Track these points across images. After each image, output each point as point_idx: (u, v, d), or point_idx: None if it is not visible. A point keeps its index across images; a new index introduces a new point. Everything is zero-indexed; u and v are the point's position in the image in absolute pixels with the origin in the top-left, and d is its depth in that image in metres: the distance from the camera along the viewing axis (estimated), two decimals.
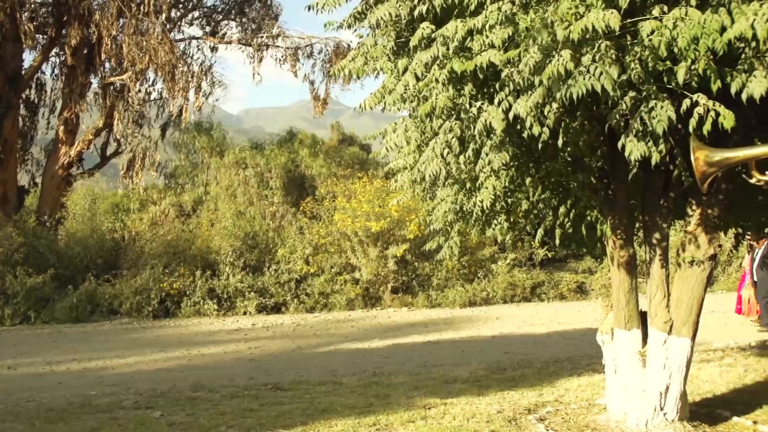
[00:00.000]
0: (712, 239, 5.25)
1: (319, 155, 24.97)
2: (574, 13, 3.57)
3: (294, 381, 8.63)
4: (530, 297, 19.63)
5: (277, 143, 26.36)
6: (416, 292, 19.03)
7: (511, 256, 20.02)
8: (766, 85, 3.43)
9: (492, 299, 19.05)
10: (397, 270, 18.98)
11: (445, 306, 18.43)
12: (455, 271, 19.33)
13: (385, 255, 18.85)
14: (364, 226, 18.60)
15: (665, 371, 5.35)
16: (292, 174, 24.13)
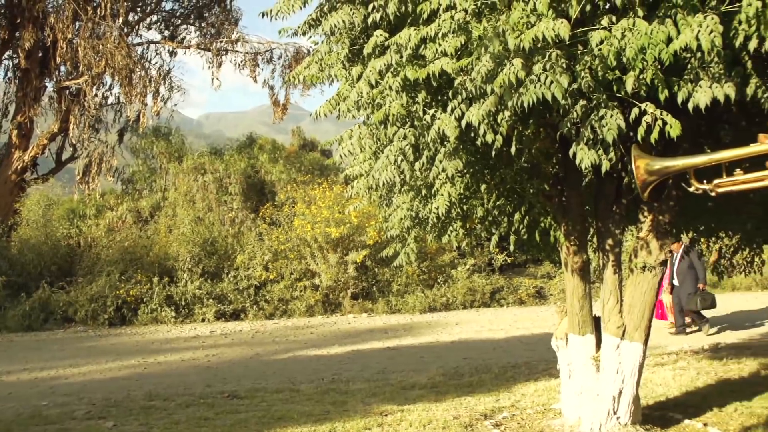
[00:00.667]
0: (663, 245, 5.34)
1: (279, 161, 24.85)
2: (525, 23, 3.60)
3: (251, 389, 8.57)
4: (490, 302, 19.74)
5: (237, 149, 26.18)
6: (376, 298, 19.04)
7: (471, 261, 20.13)
8: (711, 95, 3.49)
9: (452, 305, 19.12)
10: (357, 276, 18.98)
11: (405, 312, 18.46)
12: (415, 277, 19.38)
13: (345, 261, 18.84)
14: (324, 232, 18.56)
15: (618, 376, 5.42)
16: (251, 180, 23.98)
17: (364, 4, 4.27)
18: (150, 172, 24.92)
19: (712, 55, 3.54)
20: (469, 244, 5.50)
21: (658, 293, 5.43)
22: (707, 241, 7.34)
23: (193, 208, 22.05)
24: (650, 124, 3.70)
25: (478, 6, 4.06)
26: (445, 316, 17.84)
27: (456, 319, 17.05)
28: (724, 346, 11.22)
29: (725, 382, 8.01)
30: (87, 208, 23.10)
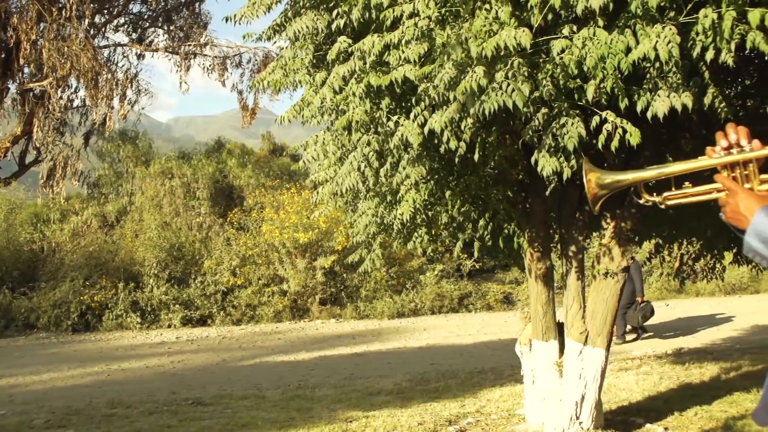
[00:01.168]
0: (625, 252, 5.41)
1: (247, 165, 24.76)
2: (487, 31, 3.64)
3: (216, 395, 8.52)
4: (458, 308, 19.83)
5: (205, 153, 26.03)
6: (345, 303, 19.04)
7: (439, 267, 20.21)
8: (669, 104, 3.55)
9: (420, 310, 19.17)
10: (326, 281, 18.96)
11: (374, 317, 18.48)
12: (384, 283, 19.40)
13: (314, 266, 18.82)
14: (292, 237, 18.53)
15: (581, 381, 5.47)
16: (219, 184, 23.86)
17: (328, 10, 4.28)
18: (116, 176, 24.68)
19: (670, 65, 3.60)
20: (434, 251, 5.50)
21: (619, 299, 5.50)
22: (669, 248, 7.44)
23: (160, 213, 21.88)
24: (611, 132, 3.75)
25: (442, 14, 4.09)
26: (414, 321, 17.89)
27: (424, 324, 17.10)
28: (687, 350, 11.39)
29: (687, 386, 8.11)
30: (51, 212, 22.80)
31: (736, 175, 2.01)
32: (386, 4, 3.98)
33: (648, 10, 3.51)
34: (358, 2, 4.05)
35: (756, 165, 2.01)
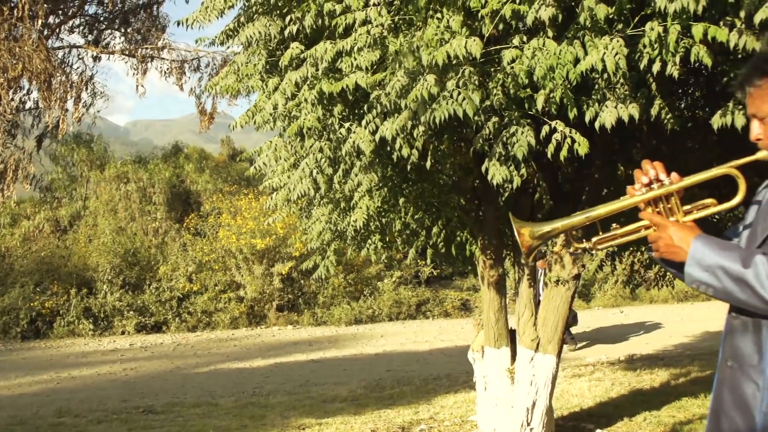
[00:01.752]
0: (576, 259, 5.47)
1: (205, 170, 24.55)
2: (439, 39, 3.66)
3: (168, 403, 8.42)
4: (415, 314, 19.86)
5: (162, 157, 25.74)
6: (302, 310, 18.96)
7: (397, 274, 20.23)
8: (616, 115, 3.61)
9: (377, 317, 19.17)
10: (283, 288, 18.86)
11: (331, 324, 18.43)
12: (341, 289, 19.36)
13: (271, 273, 18.70)
14: (250, 243, 18.39)
15: (532, 388, 5.51)
16: (176, 189, 23.61)
17: (281, 16, 4.27)
18: (70, 180, 24.27)
19: (618, 76, 3.66)
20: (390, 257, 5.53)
21: (570, 306, 5.56)
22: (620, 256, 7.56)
23: (115, 218, 21.56)
24: (560, 141, 3.80)
25: (395, 22, 4.11)
26: (371, 328, 17.88)
27: (381, 331, 17.11)
28: (639, 357, 11.56)
29: (637, 392, 8.24)
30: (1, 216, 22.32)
31: (661, 210, 2.04)
32: (339, 11, 3.98)
33: (597, 22, 3.55)
34: (310, 9, 4.04)
35: (677, 197, 2.04)
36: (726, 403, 1.97)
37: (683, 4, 3.29)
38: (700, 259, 1.87)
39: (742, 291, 1.79)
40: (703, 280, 1.87)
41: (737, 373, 1.93)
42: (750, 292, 1.77)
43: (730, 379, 1.96)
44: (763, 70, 1.91)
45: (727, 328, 1.99)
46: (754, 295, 1.77)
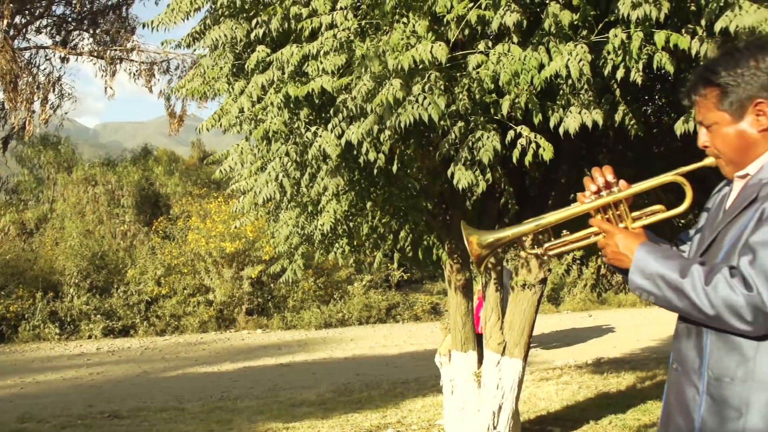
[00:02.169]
0: (542, 264, 5.50)
1: (174, 173, 24.35)
2: (405, 44, 3.66)
3: (134, 408, 8.33)
4: (385, 318, 19.84)
5: (131, 160, 25.49)
6: (271, 313, 18.86)
7: (368, 278, 20.20)
8: (580, 121, 3.63)
9: (348, 321, 19.12)
10: (253, 291, 18.75)
11: (301, 328, 18.35)
12: (311, 293, 19.30)
13: (240, 276, 18.57)
14: (219, 246, 18.26)
15: (498, 391, 5.53)
16: (145, 192, 23.40)
17: (247, 19, 4.24)
18: (37, 182, 23.94)
19: (582, 82, 3.67)
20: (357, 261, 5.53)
21: (536, 310, 5.58)
22: (587, 261, 7.61)
23: (83, 221, 21.29)
24: (525, 146, 3.81)
25: (362, 26, 4.11)
26: (341, 332, 17.84)
27: (351, 335, 17.07)
28: (606, 360, 11.66)
29: (604, 395, 8.30)
30: None
31: (610, 217, 2.06)
32: (305, 15, 3.97)
33: (561, 29, 3.57)
34: (277, 12, 4.02)
35: (626, 204, 2.07)
36: (672, 406, 2.01)
37: (646, 12, 3.31)
38: (642, 267, 1.89)
39: (680, 300, 1.82)
40: (645, 287, 1.89)
41: (681, 376, 1.97)
42: (687, 302, 1.80)
43: (675, 382, 2.00)
44: (708, 79, 1.94)
45: (675, 332, 2.02)
46: (690, 305, 1.79)
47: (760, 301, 1.70)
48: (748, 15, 3.34)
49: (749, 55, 1.88)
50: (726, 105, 1.90)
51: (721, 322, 1.77)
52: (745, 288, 1.71)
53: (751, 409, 1.78)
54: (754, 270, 1.72)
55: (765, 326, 1.73)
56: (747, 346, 1.79)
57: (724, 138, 1.93)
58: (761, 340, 1.77)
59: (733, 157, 1.94)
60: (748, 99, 1.87)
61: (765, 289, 1.69)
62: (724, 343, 1.83)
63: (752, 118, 1.88)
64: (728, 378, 1.82)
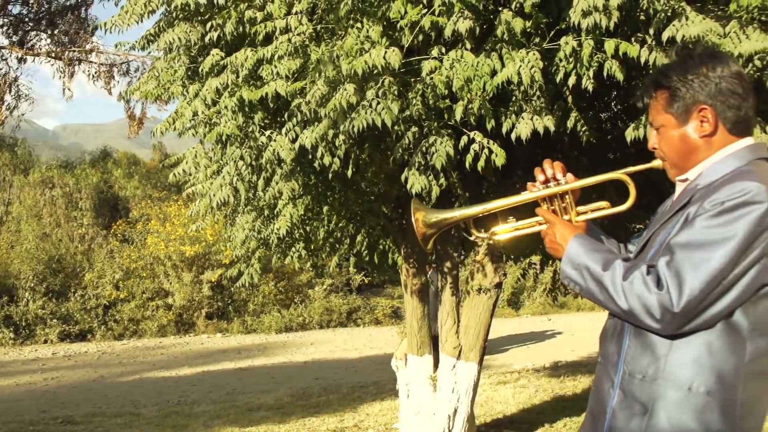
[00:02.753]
0: (497, 268, 5.53)
1: (134, 176, 24.04)
2: (359, 49, 3.65)
3: (89, 413, 8.19)
4: (346, 322, 19.81)
5: (90, 162, 25.12)
6: (232, 317, 18.71)
7: (328, 281, 20.13)
8: (532, 127, 3.66)
9: (308, 324, 19.05)
10: (212, 295, 18.57)
11: (261, 332, 18.23)
12: (272, 297, 19.19)
13: (200, 280, 18.39)
14: (179, 250, 18.07)
15: (454, 395, 5.54)
16: (104, 195, 23.08)
17: (202, 22, 4.20)
18: None
19: (534, 88, 3.71)
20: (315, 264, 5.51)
21: (492, 314, 5.61)
22: (543, 266, 7.66)
23: (39, 224, 20.92)
24: (477, 152, 3.83)
25: (318, 30, 4.09)
26: (301, 336, 17.76)
27: (312, 339, 17.00)
28: (564, 364, 11.76)
29: (560, 398, 8.37)
30: None
31: (555, 208, 2.12)
32: (260, 19, 3.95)
33: (514, 35, 3.60)
34: (231, 16, 4.00)
35: (572, 197, 2.12)
36: (592, 399, 2.06)
37: (596, 20, 3.35)
38: (572, 257, 1.94)
39: (601, 292, 1.86)
40: (572, 277, 1.94)
41: (602, 369, 2.02)
42: (606, 294, 1.84)
43: (598, 374, 2.05)
44: (659, 82, 1.98)
45: (603, 327, 2.06)
46: (608, 297, 1.84)
47: (669, 301, 1.73)
48: (694, 25, 3.40)
49: (700, 63, 1.92)
50: (673, 108, 1.95)
51: (634, 318, 1.81)
52: (658, 287, 1.75)
53: (657, 408, 1.82)
54: (668, 270, 1.76)
55: (672, 326, 1.76)
56: (660, 345, 1.84)
57: (669, 141, 1.98)
58: (673, 339, 1.81)
59: (676, 160, 1.98)
60: (694, 104, 1.91)
61: (675, 290, 1.73)
62: (641, 342, 1.88)
63: (696, 124, 1.92)
64: (640, 375, 1.86)
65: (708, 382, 1.78)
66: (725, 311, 1.76)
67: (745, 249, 1.71)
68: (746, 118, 1.91)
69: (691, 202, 1.85)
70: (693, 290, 1.72)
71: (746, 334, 1.77)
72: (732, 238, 1.71)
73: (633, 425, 1.85)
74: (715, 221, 1.74)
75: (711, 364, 1.78)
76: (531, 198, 2.14)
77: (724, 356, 1.78)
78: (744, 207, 1.72)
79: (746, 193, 1.72)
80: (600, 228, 2.26)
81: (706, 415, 1.77)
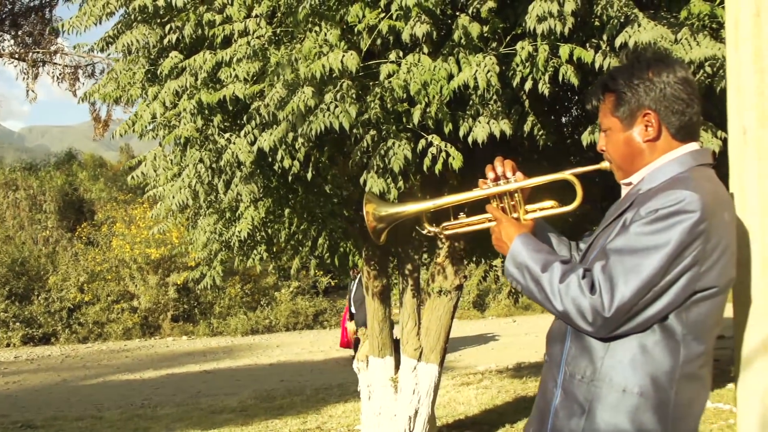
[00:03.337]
0: (458, 270, 5.53)
1: (99, 179, 23.73)
2: (317, 53, 3.64)
3: (50, 417, 8.05)
4: (313, 324, 19.74)
5: (54, 165, 24.74)
6: (198, 320, 18.56)
7: (295, 284, 20.04)
8: (488, 131, 3.67)
9: (275, 327, 18.95)
10: (178, 298, 18.40)
11: (227, 334, 18.09)
12: (238, 299, 19.05)
13: (166, 282, 18.20)
14: (144, 252, 17.86)
15: (414, 396, 5.53)
16: (69, 197, 22.73)
17: (161, 25, 4.16)
18: None
19: (491, 92, 3.71)
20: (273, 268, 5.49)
21: (452, 316, 5.61)
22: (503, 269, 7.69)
23: (2, 226, 20.55)
24: (435, 155, 3.83)
25: (278, 34, 4.07)
26: (267, 338, 17.66)
27: (278, 341, 16.91)
28: (527, 365, 11.82)
29: (522, 399, 8.40)
30: None
31: (505, 205, 2.12)
32: (218, 22, 3.91)
33: (471, 40, 3.61)
34: (190, 19, 3.96)
35: (521, 195, 2.12)
36: (539, 397, 2.07)
37: (551, 26, 3.37)
38: (515, 256, 1.95)
39: (539, 292, 1.87)
40: (514, 275, 1.96)
41: (547, 369, 2.03)
42: (543, 295, 1.86)
43: (543, 375, 2.06)
44: (607, 86, 1.99)
45: (550, 328, 2.08)
46: (545, 298, 1.85)
47: (601, 305, 1.75)
48: (645, 32, 3.44)
49: (647, 67, 1.93)
50: (619, 112, 1.96)
51: (568, 319, 1.83)
52: (591, 291, 1.77)
53: (593, 408, 1.83)
54: (602, 275, 1.77)
55: (604, 329, 1.78)
56: (598, 347, 1.85)
57: (615, 144, 1.99)
58: (610, 342, 1.83)
59: (620, 163, 2.00)
60: (639, 109, 1.92)
61: (607, 295, 1.75)
62: (580, 343, 1.90)
63: (641, 128, 1.93)
64: (579, 375, 1.88)
65: (642, 384, 1.79)
66: (657, 316, 1.78)
67: (676, 257, 1.73)
68: (690, 124, 1.92)
69: (631, 208, 1.87)
70: (624, 296, 1.74)
71: (680, 338, 1.79)
72: (664, 246, 1.73)
73: (572, 424, 1.87)
74: (649, 228, 1.76)
75: (645, 367, 1.80)
76: (481, 195, 2.14)
77: (658, 359, 1.80)
78: (676, 216, 1.73)
79: (679, 202, 1.74)
80: (562, 228, 2.27)
81: (640, 416, 1.79)
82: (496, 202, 2.13)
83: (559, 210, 2.16)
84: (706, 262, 1.75)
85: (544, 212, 2.15)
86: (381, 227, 2.19)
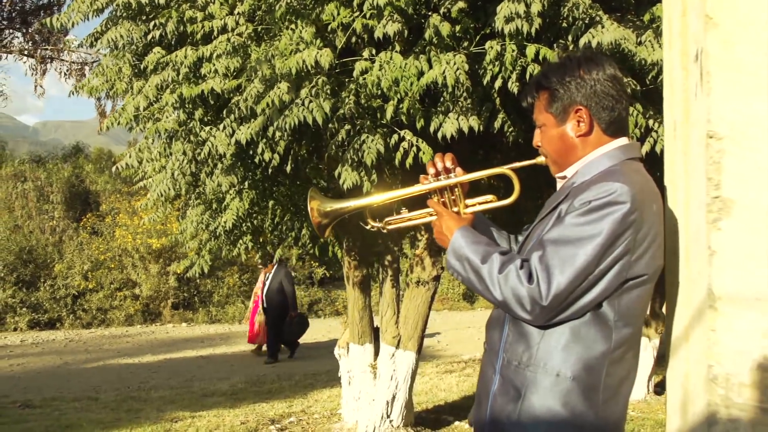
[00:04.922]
0: (436, 262, 5.52)
1: (105, 171, 23.68)
2: (293, 50, 3.62)
3: (49, 398, 8.04)
4: (307, 313, 19.67)
5: (62, 157, 24.70)
6: (197, 308, 18.53)
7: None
8: (457, 126, 3.66)
9: None
10: (179, 286, 18.36)
11: (225, 322, 18.07)
12: (236, 288, 19.03)
13: (167, 271, 18.18)
14: (146, 242, 17.84)
15: (392, 382, 5.53)
16: (75, 189, 22.70)
17: (145, 21, 4.14)
18: None
19: (461, 90, 3.70)
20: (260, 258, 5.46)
21: (430, 306, 5.60)
22: None
23: (11, 216, 20.52)
24: (407, 149, 3.82)
25: (258, 30, 4.05)
26: None
27: None
28: None
29: None
30: None
31: (446, 200, 2.10)
32: (200, 19, 3.89)
33: (442, 39, 3.59)
34: (173, 16, 3.93)
35: (462, 190, 2.11)
36: (479, 383, 2.07)
37: (518, 26, 3.35)
38: (455, 248, 1.94)
39: (479, 283, 1.87)
40: (455, 267, 1.94)
41: (486, 356, 2.03)
42: (483, 285, 1.85)
43: (483, 362, 2.06)
44: (540, 83, 1.99)
45: (489, 316, 2.07)
46: (485, 288, 1.85)
47: (538, 294, 1.74)
48: (609, 33, 3.43)
49: (578, 66, 1.93)
50: (553, 108, 1.96)
51: (507, 308, 1.83)
52: (529, 281, 1.76)
53: (528, 393, 1.83)
54: (540, 265, 1.77)
55: (542, 317, 1.78)
56: (534, 334, 1.85)
57: (549, 139, 1.99)
58: (545, 329, 1.82)
59: (555, 157, 1.99)
60: (571, 105, 1.92)
61: (544, 284, 1.74)
62: (518, 330, 1.89)
63: (573, 123, 1.93)
64: (516, 362, 1.87)
65: (575, 368, 1.79)
66: (592, 304, 1.78)
67: (609, 246, 1.73)
68: (620, 119, 1.92)
69: (565, 200, 1.86)
70: (560, 285, 1.73)
71: (612, 323, 1.79)
72: (597, 236, 1.73)
73: (509, 409, 1.86)
74: (583, 219, 1.75)
75: (578, 352, 1.79)
76: (423, 190, 2.12)
77: (591, 344, 1.79)
78: (609, 207, 1.73)
79: (611, 194, 1.74)
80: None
81: (571, 399, 1.78)
82: (437, 197, 2.11)
83: (498, 203, 2.14)
84: (636, 251, 1.76)
85: (484, 206, 2.14)
86: (325, 222, 2.18)
